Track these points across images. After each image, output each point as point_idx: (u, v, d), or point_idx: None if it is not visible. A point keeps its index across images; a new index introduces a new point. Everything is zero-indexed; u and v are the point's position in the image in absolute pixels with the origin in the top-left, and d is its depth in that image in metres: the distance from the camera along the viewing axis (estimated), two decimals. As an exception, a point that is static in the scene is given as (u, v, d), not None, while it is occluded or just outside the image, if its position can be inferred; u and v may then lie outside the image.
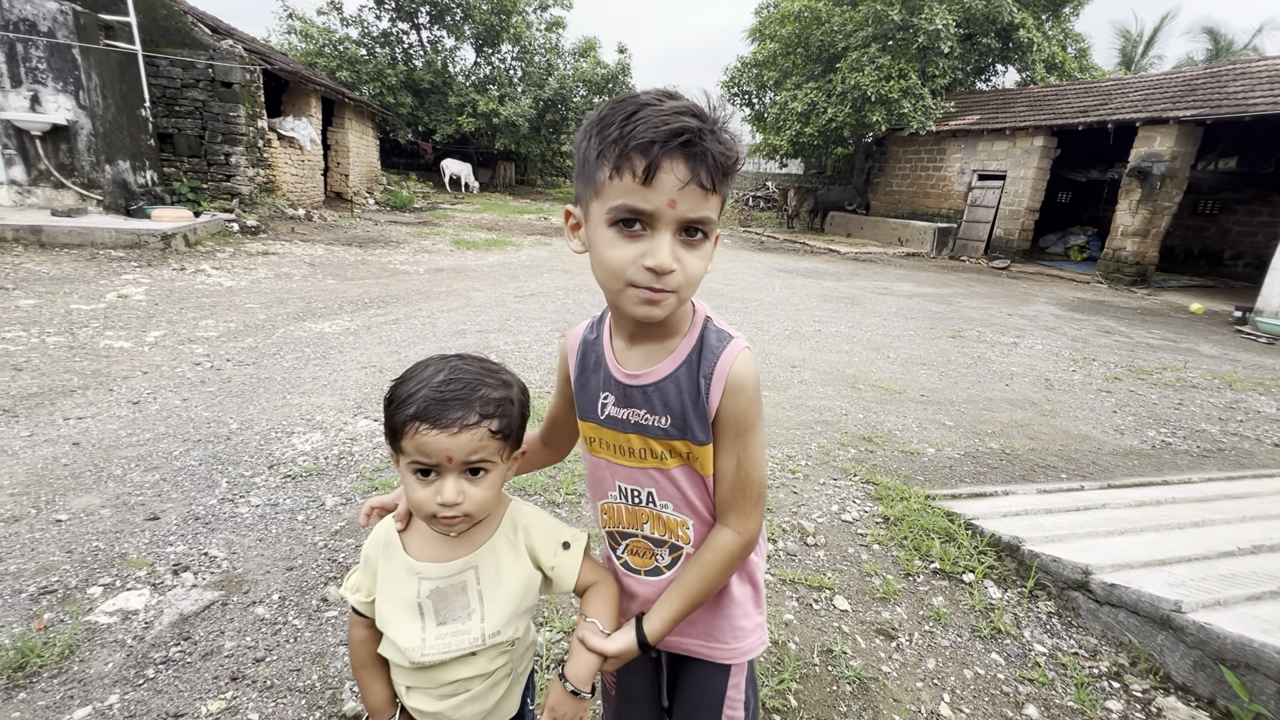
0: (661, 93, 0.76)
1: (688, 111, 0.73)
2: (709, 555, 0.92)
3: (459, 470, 0.84)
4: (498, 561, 0.93)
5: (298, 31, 20.84)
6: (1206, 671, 1.85)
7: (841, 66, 16.50)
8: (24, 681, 1.63)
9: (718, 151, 0.73)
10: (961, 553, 2.55)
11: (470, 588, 0.91)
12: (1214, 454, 3.96)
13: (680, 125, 0.70)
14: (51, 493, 2.50)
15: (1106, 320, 8.57)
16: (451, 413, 0.81)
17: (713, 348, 0.86)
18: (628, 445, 0.93)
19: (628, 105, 0.74)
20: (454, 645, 0.91)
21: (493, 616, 0.92)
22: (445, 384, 0.82)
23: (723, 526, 0.92)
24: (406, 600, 0.91)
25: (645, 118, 0.71)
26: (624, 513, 0.99)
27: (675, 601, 0.93)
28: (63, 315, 4.71)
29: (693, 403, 0.86)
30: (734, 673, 1.03)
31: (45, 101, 7.71)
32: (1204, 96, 11.74)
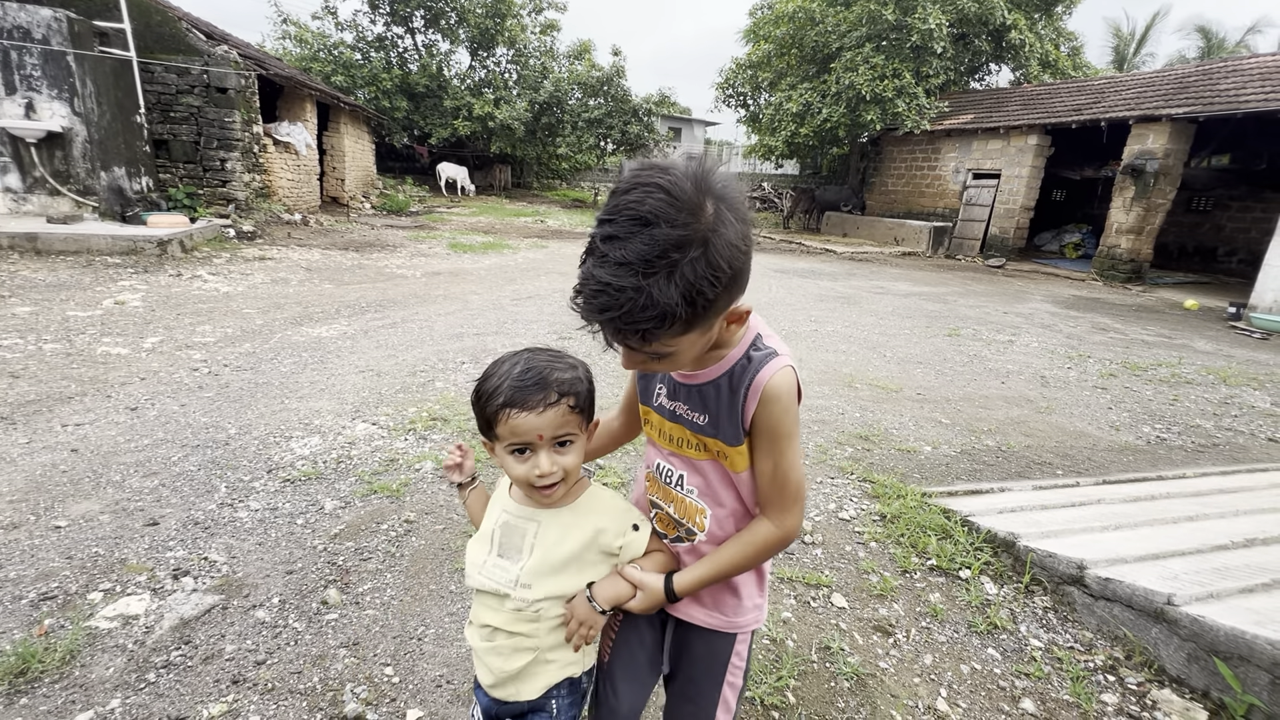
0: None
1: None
2: (747, 537, 1.03)
3: (549, 445, 0.96)
4: (559, 529, 1.03)
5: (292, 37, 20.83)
6: (1200, 664, 1.87)
7: (836, 67, 16.55)
8: (25, 687, 1.64)
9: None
10: (958, 549, 2.56)
11: (528, 537, 1.03)
12: (1208, 449, 3.98)
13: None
14: (50, 499, 2.51)
15: (1102, 317, 8.61)
16: (534, 396, 0.94)
17: (755, 362, 0.95)
18: (670, 432, 1.07)
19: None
20: (496, 578, 1.02)
21: (530, 569, 1.01)
22: (524, 374, 0.95)
23: (763, 518, 1.03)
24: (489, 524, 1.08)
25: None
26: (659, 487, 1.13)
27: (706, 567, 1.04)
28: (59, 322, 4.71)
29: (728, 408, 0.96)
30: (739, 641, 1.13)
31: (40, 109, 7.71)
32: (1196, 94, 11.81)
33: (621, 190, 0.76)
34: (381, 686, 1.76)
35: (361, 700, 1.70)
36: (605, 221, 0.75)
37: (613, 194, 0.77)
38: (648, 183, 0.74)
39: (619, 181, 0.79)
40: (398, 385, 4.06)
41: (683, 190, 0.73)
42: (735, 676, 1.14)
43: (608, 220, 0.75)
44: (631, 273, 0.72)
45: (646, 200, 0.72)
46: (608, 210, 0.76)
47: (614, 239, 0.73)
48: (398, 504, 2.68)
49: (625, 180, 0.77)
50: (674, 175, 0.75)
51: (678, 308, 0.74)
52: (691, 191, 0.74)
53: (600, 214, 0.77)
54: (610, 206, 0.75)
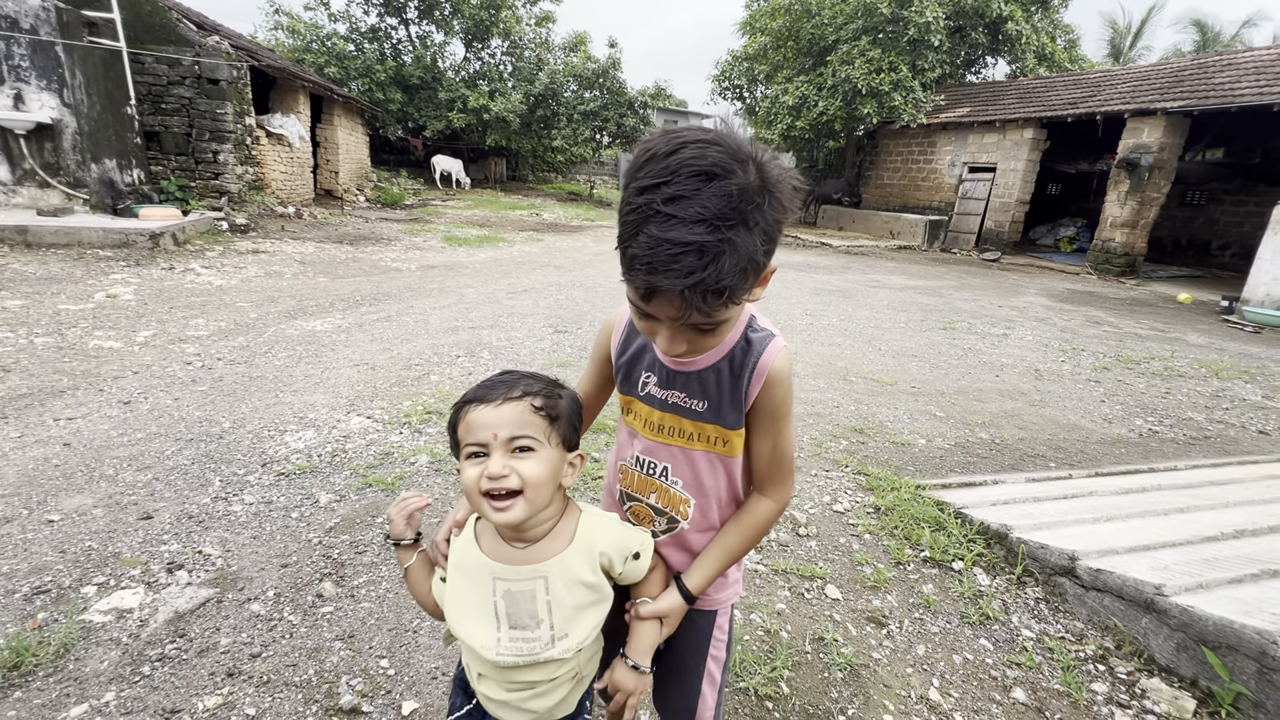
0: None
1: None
2: (750, 519, 1.04)
3: (505, 447, 0.87)
4: (568, 576, 0.93)
5: (284, 27, 20.63)
6: (1189, 653, 1.89)
7: (832, 59, 16.52)
8: (19, 680, 1.64)
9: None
10: (951, 541, 2.58)
11: (539, 597, 0.93)
12: (1200, 441, 4.01)
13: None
14: (43, 493, 2.50)
15: (1095, 311, 8.65)
16: (494, 391, 0.89)
17: (756, 344, 0.94)
18: (660, 422, 1.03)
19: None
20: (525, 650, 0.92)
21: (562, 625, 0.94)
22: (495, 376, 0.93)
23: (762, 496, 1.05)
24: (482, 598, 0.93)
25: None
26: (636, 479, 1.10)
27: (717, 558, 1.05)
28: (51, 316, 4.67)
29: (730, 392, 0.96)
30: (719, 615, 1.15)
31: (29, 99, 7.62)
32: (1191, 87, 11.83)
33: (666, 151, 0.73)
34: (377, 679, 1.76)
35: (357, 693, 1.70)
36: (660, 184, 0.71)
37: (650, 158, 0.74)
38: (697, 139, 0.73)
39: (647, 146, 0.76)
40: (393, 379, 4.05)
41: (733, 140, 0.74)
42: (718, 650, 1.17)
43: (663, 181, 0.71)
44: (711, 228, 0.70)
45: (707, 153, 0.71)
46: (656, 172, 0.72)
47: (680, 198, 0.70)
48: (393, 497, 2.68)
49: (661, 142, 0.74)
50: (716, 131, 0.74)
51: (759, 254, 0.75)
52: (738, 141, 0.74)
53: (643, 179, 0.73)
54: (659, 169, 0.72)
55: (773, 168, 0.75)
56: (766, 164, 0.75)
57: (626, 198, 0.76)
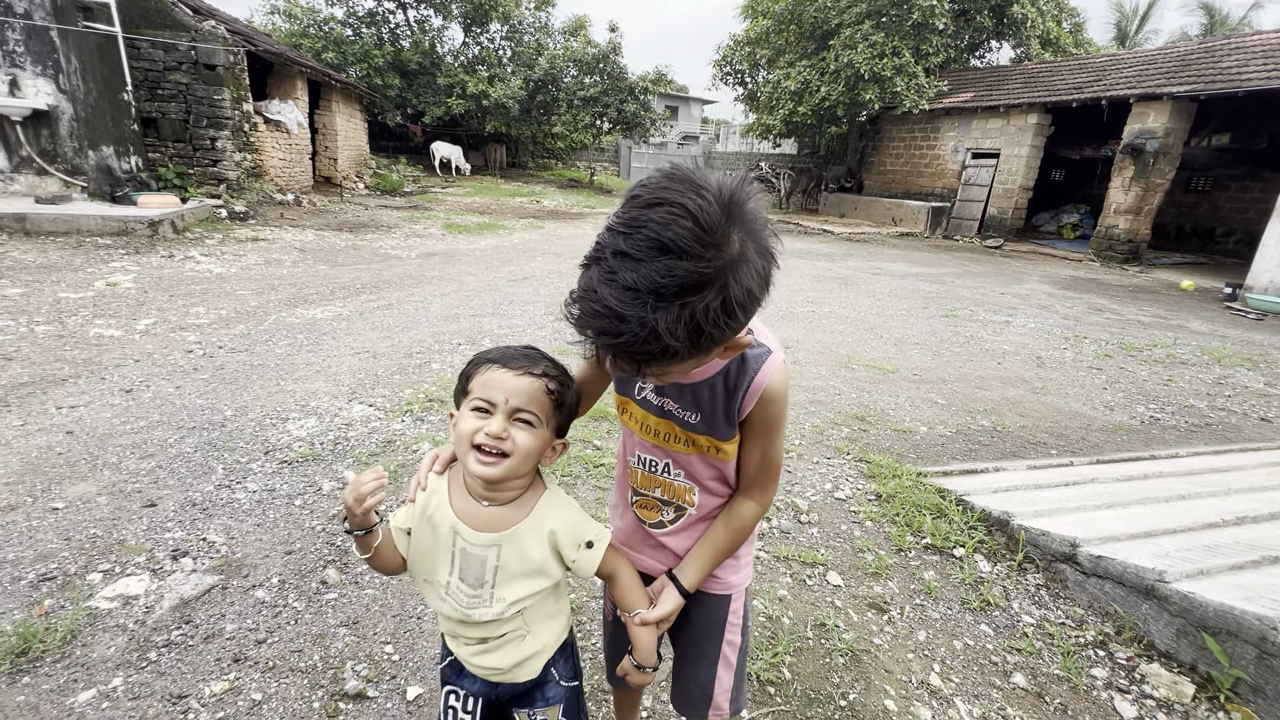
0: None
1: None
2: (735, 521, 1.06)
3: (509, 413, 0.91)
4: (520, 547, 0.98)
5: (281, 12, 20.36)
6: (1189, 639, 1.90)
7: (835, 44, 16.32)
8: (27, 666, 1.65)
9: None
10: (952, 528, 2.59)
11: (489, 563, 0.98)
12: (1201, 429, 4.01)
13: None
14: (47, 481, 2.51)
15: (1098, 298, 8.62)
16: (519, 361, 0.93)
17: (752, 362, 0.93)
18: (655, 427, 1.04)
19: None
20: (466, 604, 0.99)
21: (502, 590, 0.99)
22: (522, 348, 0.97)
23: (745, 498, 1.06)
24: (444, 546, 0.99)
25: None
26: (640, 476, 1.12)
27: (706, 557, 1.07)
28: (51, 304, 4.67)
29: (724, 407, 0.95)
30: (734, 599, 1.16)
31: (24, 86, 7.55)
32: (1198, 72, 11.69)
33: (645, 201, 0.68)
34: (382, 664, 1.77)
35: (362, 678, 1.71)
36: (620, 233, 0.68)
37: (633, 199, 0.70)
38: (675, 202, 0.67)
39: (643, 181, 0.71)
40: (394, 367, 4.04)
41: (711, 218, 0.67)
42: (734, 634, 1.18)
43: (623, 233, 0.68)
44: (639, 302, 0.66)
45: (672, 225, 0.66)
46: (625, 220, 0.69)
47: (626, 257, 0.67)
48: (395, 485, 2.69)
49: (651, 188, 0.69)
50: (705, 198, 0.67)
51: (681, 346, 0.70)
52: (720, 221, 0.67)
53: (616, 218, 0.70)
54: (629, 217, 0.68)
55: (747, 264, 0.70)
56: (745, 259, 0.69)
57: (607, 223, 0.72)
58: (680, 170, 0.71)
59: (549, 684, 1.10)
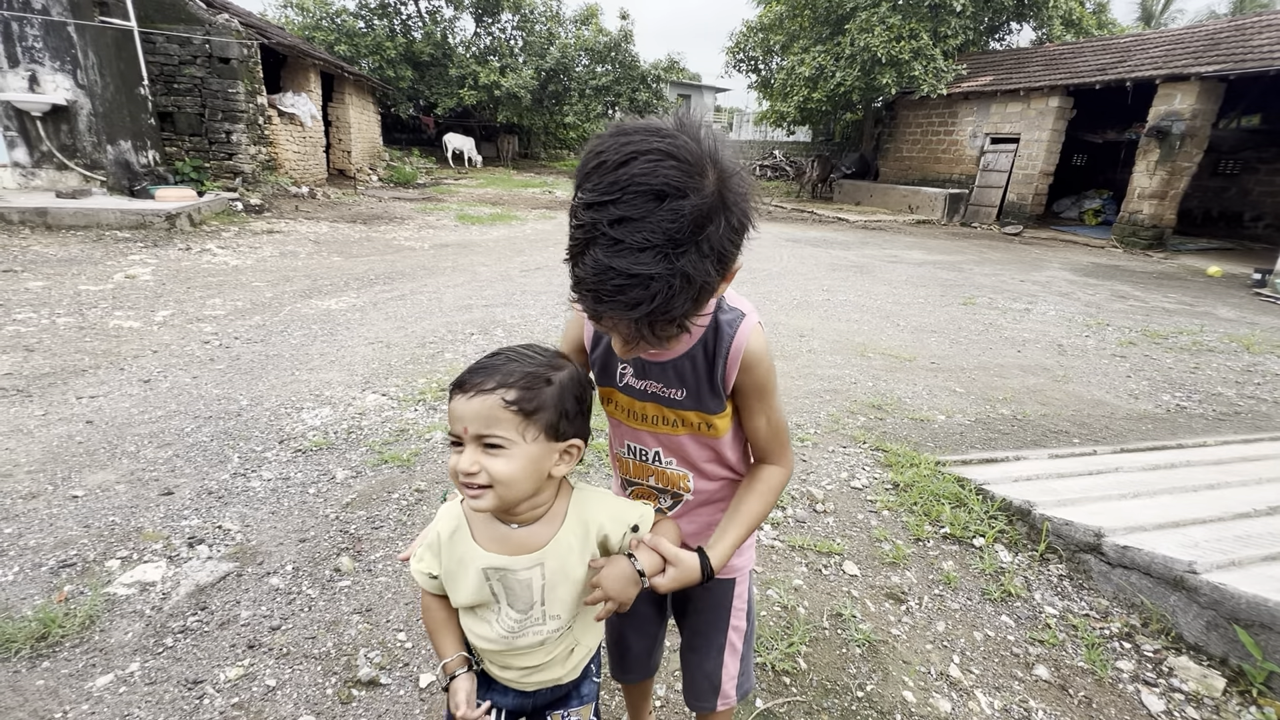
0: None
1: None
2: (763, 486, 1.02)
3: (475, 442, 0.81)
4: (564, 557, 0.92)
5: (294, 5, 20.42)
6: (1220, 631, 1.84)
7: (850, 28, 16.01)
8: (47, 650, 1.67)
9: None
10: (972, 518, 2.54)
11: (535, 584, 0.92)
12: (1230, 417, 3.90)
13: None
14: (67, 469, 2.54)
15: (1121, 285, 8.43)
16: (472, 379, 0.83)
17: (726, 328, 0.91)
18: (642, 411, 1.01)
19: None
20: (517, 628, 0.94)
21: (553, 607, 0.94)
22: (489, 356, 0.85)
23: (767, 464, 1.04)
24: (479, 584, 0.91)
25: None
26: (632, 465, 1.10)
27: (738, 528, 0.99)
28: (71, 296, 4.73)
29: (707, 378, 0.94)
30: (738, 583, 1.15)
31: (44, 81, 7.65)
32: (1227, 51, 11.33)
33: (615, 162, 0.65)
34: (395, 651, 1.77)
35: (375, 665, 1.71)
36: (606, 202, 0.65)
37: (598, 166, 0.66)
38: (649, 149, 0.65)
39: (597, 149, 0.68)
40: (407, 356, 4.05)
41: (687, 150, 0.66)
42: (739, 619, 1.16)
43: (610, 200, 0.65)
44: (661, 255, 0.64)
45: (658, 170, 0.64)
46: (603, 188, 0.65)
47: (627, 220, 0.64)
48: (409, 473, 2.69)
49: (611, 148, 0.66)
50: (673, 136, 0.67)
51: (713, 279, 0.69)
52: (694, 148, 0.67)
53: (590, 192, 0.66)
54: (607, 183, 0.65)
55: (734, 179, 0.69)
56: (728, 173, 0.69)
57: (574, 208, 0.68)
58: (627, 125, 0.70)
59: (585, 681, 1.07)
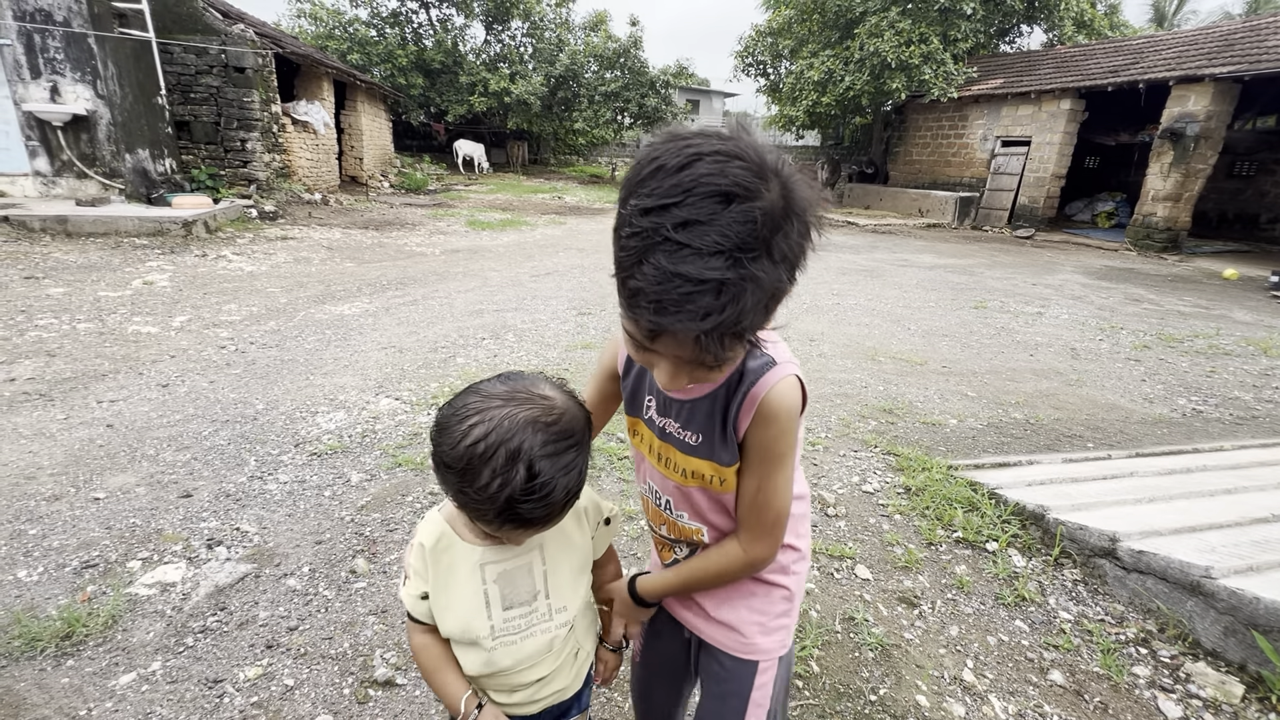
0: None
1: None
2: (713, 557, 0.94)
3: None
4: (564, 537, 0.93)
5: (307, 15, 20.73)
6: (1238, 637, 1.82)
7: (859, 32, 16.02)
8: (71, 650, 1.70)
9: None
10: (985, 522, 2.53)
11: (536, 568, 0.91)
12: (1247, 421, 3.86)
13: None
14: (89, 472, 2.58)
15: (1135, 288, 8.35)
16: (536, 519, 0.77)
17: (751, 371, 0.82)
18: (660, 451, 0.95)
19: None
20: (523, 626, 0.91)
21: (557, 592, 0.93)
22: (529, 489, 0.73)
23: (733, 539, 0.92)
24: (471, 589, 0.88)
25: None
26: (651, 508, 1.04)
27: (670, 575, 1.00)
28: (91, 302, 4.81)
29: (720, 424, 0.85)
30: (761, 670, 0.99)
31: (64, 92, 7.80)
32: (1242, 52, 11.22)
33: (676, 165, 0.61)
34: (410, 652, 1.79)
35: (391, 665, 1.73)
36: (670, 204, 0.60)
37: (655, 171, 0.62)
38: (715, 150, 0.61)
39: (652, 155, 0.64)
40: (420, 361, 4.09)
41: (751, 151, 0.62)
42: (758, 715, 0.98)
43: (674, 202, 0.60)
44: (733, 261, 0.59)
45: (727, 170, 0.60)
46: (664, 191, 0.60)
47: (694, 224, 0.59)
48: (422, 476, 2.71)
49: (669, 151, 0.62)
50: (734, 139, 0.63)
51: (785, 285, 0.65)
52: (757, 150, 0.63)
53: (648, 197, 0.61)
54: (668, 186, 0.60)
55: (799, 185, 0.65)
56: (791, 180, 0.65)
57: (627, 217, 0.63)
58: (681, 130, 0.66)
59: (584, 689, 1.07)
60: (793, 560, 1.00)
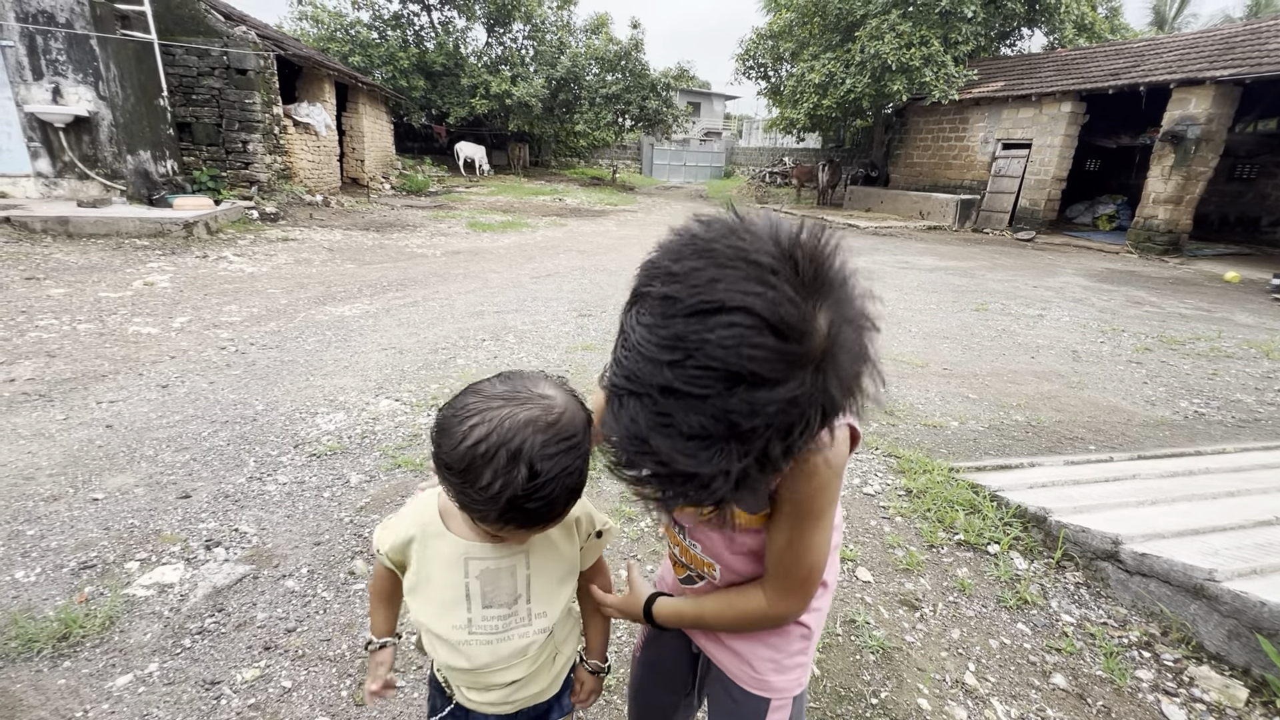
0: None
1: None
2: (738, 600, 0.87)
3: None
4: (550, 545, 0.92)
5: (309, 17, 20.77)
6: (1241, 640, 1.81)
7: (860, 35, 16.04)
8: (68, 650, 1.69)
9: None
10: (986, 524, 2.51)
11: (519, 572, 0.90)
12: (1250, 424, 3.84)
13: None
14: (88, 473, 2.58)
15: (1136, 290, 8.34)
16: (538, 519, 0.76)
17: None
18: None
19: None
20: (500, 628, 0.90)
21: (538, 599, 0.92)
22: (531, 488, 0.72)
23: (759, 589, 0.85)
24: (453, 582, 0.88)
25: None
26: (665, 524, 1.01)
27: (689, 607, 0.93)
28: (92, 303, 4.81)
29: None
30: (773, 710, 0.94)
31: (66, 93, 7.81)
32: (1243, 55, 11.22)
33: (689, 307, 0.48)
34: (409, 654, 1.78)
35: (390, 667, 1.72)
36: (662, 360, 0.48)
37: (668, 301, 0.49)
38: (739, 306, 0.47)
39: (670, 267, 0.51)
40: (420, 362, 4.08)
41: (791, 316, 0.48)
42: None
43: (666, 361, 0.48)
44: (714, 451, 0.49)
45: (742, 346, 0.47)
46: (662, 335, 0.48)
47: (682, 396, 0.48)
48: (421, 478, 2.70)
49: (689, 277, 0.49)
50: (775, 284, 0.48)
51: (771, 477, 0.54)
52: (804, 309, 0.48)
53: (644, 321, 0.50)
54: (670, 333, 0.48)
55: (848, 337, 0.50)
56: (840, 329, 0.50)
57: (623, 322, 0.53)
58: (722, 236, 0.50)
59: (564, 692, 1.06)
60: (815, 595, 0.94)
